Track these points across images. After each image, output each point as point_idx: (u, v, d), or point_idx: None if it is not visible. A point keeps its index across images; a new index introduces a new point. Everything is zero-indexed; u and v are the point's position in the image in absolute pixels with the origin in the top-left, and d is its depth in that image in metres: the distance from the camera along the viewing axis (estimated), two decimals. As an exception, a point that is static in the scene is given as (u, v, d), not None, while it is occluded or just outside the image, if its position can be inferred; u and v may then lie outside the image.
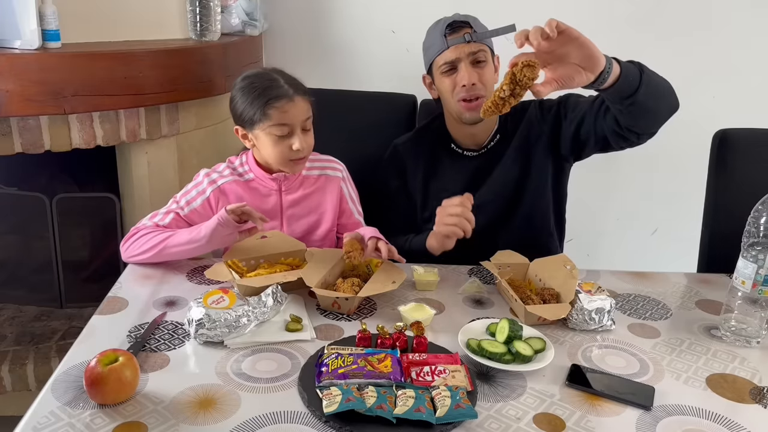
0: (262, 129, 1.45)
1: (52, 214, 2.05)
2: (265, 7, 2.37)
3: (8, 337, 2.03)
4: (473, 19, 1.56)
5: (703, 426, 1.01)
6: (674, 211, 2.58)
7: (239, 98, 1.46)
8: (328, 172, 1.61)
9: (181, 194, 1.53)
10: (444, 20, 1.56)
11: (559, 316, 1.27)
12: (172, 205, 1.51)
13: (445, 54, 1.53)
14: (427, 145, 1.69)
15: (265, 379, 1.07)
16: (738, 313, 1.27)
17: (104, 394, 0.98)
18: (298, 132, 1.45)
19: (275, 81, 1.44)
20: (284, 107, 1.42)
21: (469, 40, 1.50)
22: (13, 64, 1.57)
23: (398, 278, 1.34)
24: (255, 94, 1.43)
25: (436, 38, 1.55)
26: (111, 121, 1.84)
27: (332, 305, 1.29)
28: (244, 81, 1.48)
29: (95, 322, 1.21)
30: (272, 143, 1.45)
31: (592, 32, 2.43)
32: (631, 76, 1.25)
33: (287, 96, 1.42)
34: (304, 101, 1.46)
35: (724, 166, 1.77)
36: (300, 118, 1.45)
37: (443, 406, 0.97)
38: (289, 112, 1.43)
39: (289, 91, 1.43)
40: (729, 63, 2.41)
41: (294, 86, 1.45)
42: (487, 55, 1.54)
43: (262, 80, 1.45)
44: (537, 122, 1.62)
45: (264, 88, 1.43)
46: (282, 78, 1.46)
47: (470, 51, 1.51)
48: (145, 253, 1.41)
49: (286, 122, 1.43)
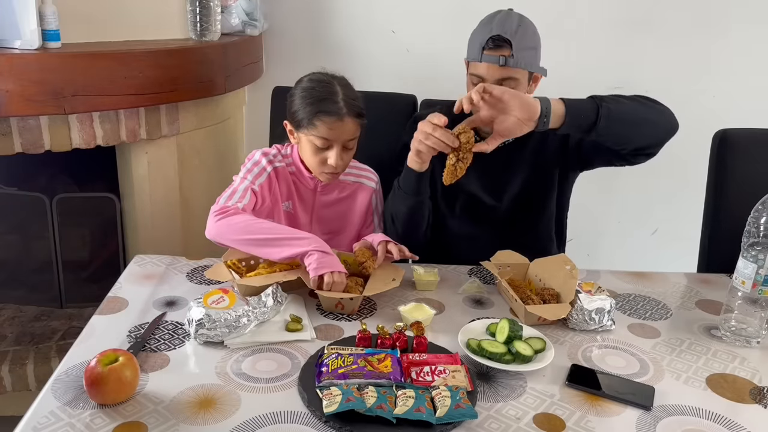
0: (305, 134, 1.46)
1: (52, 214, 2.05)
2: (265, 7, 2.37)
3: (8, 337, 2.03)
4: (521, 35, 1.45)
5: (703, 426, 1.01)
6: (674, 211, 2.58)
7: (297, 97, 1.48)
8: (363, 180, 1.62)
9: (245, 172, 1.51)
10: (492, 25, 1.46)
11: (559, 316, 1.27)
12: (242, 184, 1.48)
13: (477, 66, 1.48)
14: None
15: (265, 379, 1.07)
16: (738, 313, 1.27)
17: (104, 394, 0.98)
18: (337, 149, 1.45)
19: (334, 94, 1.44)
20: (331, 124, 1.43)
21: (502, 65, 1.44)
22: (13, 64, 1.57)
23: (398, 276, 1.35)
24: (312, 99, 1.44)
25: (476, 43, 1.48)
26: (111, 121, 1.84)
27: (336, 306, 1.29)
28: (308, 82, 1.49)
29: (95, 322, 1.21)
30: (311, 150, 1.47)
31: (592, 33, 2.44)
32: (585, 113, 1.34)
33: (338, 114, 1.43)
34: (354, 123, 1.46)
35: (724, 166, 1.76)
36: (343, 138, 1.46)
37: (443, 406, 0.97)
38: (335, 130, 1.43)
39: (342, 109, 1.43)
40: (729, 63, 2.41)
41: (349, 105, 1.45)
42: (520, 80, 1.48)
43: (323, 89, 1.46)
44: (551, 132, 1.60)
45: (321, 98, 1.44)
46: (342, 92, 1.46)
47: (500, 77, 1.45)
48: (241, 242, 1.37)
49: (328, 137, 1.44)
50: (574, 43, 2.36)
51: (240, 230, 1.37)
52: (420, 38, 2.44)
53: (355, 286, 1.31)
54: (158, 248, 2.00)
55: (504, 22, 1.46)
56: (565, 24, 2.35)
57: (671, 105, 2.57)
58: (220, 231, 1.39)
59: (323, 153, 1.47)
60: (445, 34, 2.40)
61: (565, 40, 2.32)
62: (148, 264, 1.47)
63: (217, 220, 1.39)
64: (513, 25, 1.46)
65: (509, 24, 1.46)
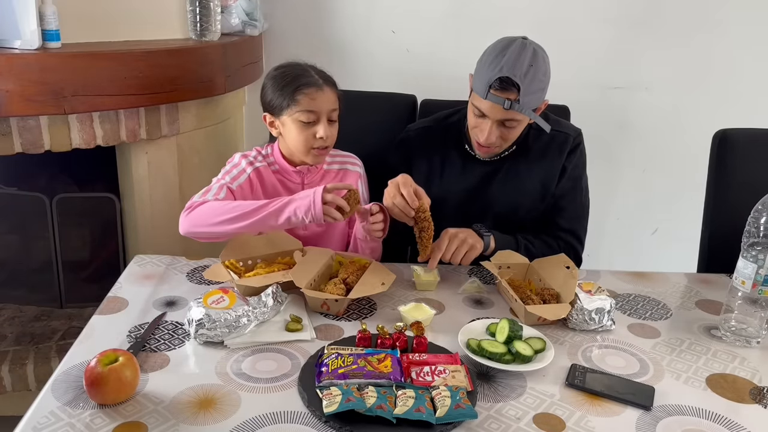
0: (289, 115, 1.47)
1: (52, 214, 2.05)
2: (265, 7, 2.37)
3: (8, 337, 2.03)
4: (530, 79, 1.39)
5: (703, 426, 1.01)
6: (674, 211, 2.58)
7: (270, 86, 1.51)
8: (348, 167, 1.64)
9: (223, 174, 1.54)
10: (502, 64, 1.40)
11: (559, 316, 1.27)
12: (217, 183, 1.50)
13: (481, 103, 1.45)
14: (441, 138, 1.66)
15: (265, 379, 1.07)
16: (738, 313, 1.27)
17: (104, 394, 0.98)
18: (324, 121, 1.48)
19: (306, 71, 1.50)
20: (313, 94, 1.45)
21: (507, 108, 1.41)
22: (13, 64, 1.57)
23: (387, 280, 1.34)
24: (286, 80, 1.47)
25: (483, 77, 1.43)
26: (111, 121, 1.84)
27: (321, 306, 1.29)
28: (276, 70, 1.52)
29: (95, 322, 1.21)
30: (298, 130, 1.48)
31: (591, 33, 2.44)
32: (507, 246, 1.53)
33: (317, 84, 1.47)
34: (333, 92, 1.50)
35: (724, 166, 1.77)
36: (327, 107, 1.48)
37: (443, 406, 0.97)
38: (317, 100, 1.46)
39: (318, 80, 1.48)
40: (729, 63, 2.41)
41: (324, 77, 1.51)
42: (519, 123, 1.48)
43: (293, 69, 1.50)
44: (556, 158, 1.62)
45: (295, 75, 1.48)
46: (313, 70, 1.51)
47: (503, 117, 1.45)
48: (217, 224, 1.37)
49: (313, 109, 1.46)
50: (573, 43, 2.36)
51: (214, 213, 1.37)
52: (420, 38, 2.44)
53: (335, 288, 1.31)
54: (158, 248, 2.00)
55: (516, 60, 1.39)
56: (564, 24, 2.35)
57: (671, 105, 2.58)
58: (192, 222, 1.39)
59: (311, 128, 1.47)
60: (445, 34, 2.40)
61: (564, 40, 2.32)
62: (148, 264, 1.47)
63: (187, 215, 1.40)
64: (524, 66, 1.39)
65: (520, 64, 1.39)
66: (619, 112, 2.49)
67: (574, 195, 1.63)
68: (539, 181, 1.62)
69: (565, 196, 1.62)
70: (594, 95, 2.44)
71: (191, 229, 1.40)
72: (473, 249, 1.46)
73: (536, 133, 1.61)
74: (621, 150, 2.52)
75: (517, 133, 1.52)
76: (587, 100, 2.32)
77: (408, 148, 1.69)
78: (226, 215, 1.36)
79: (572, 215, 1.63)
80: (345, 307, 1.30)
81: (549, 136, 1.60)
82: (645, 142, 2.53)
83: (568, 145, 1.61)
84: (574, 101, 1.99)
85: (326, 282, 1.35)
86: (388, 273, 1.37)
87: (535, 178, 1.61)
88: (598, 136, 1.71)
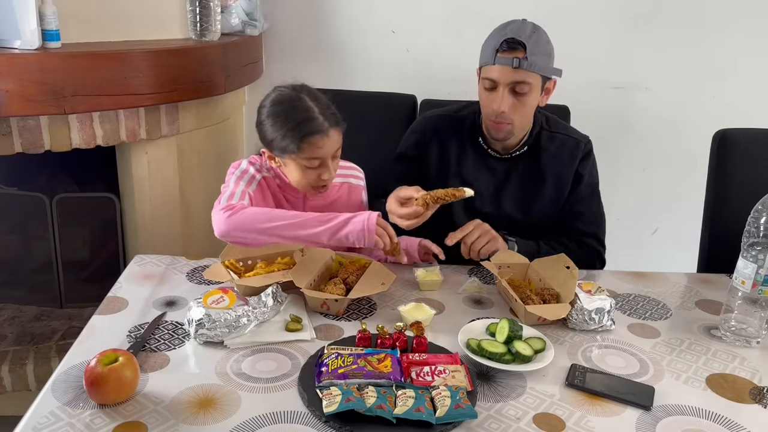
0: (292, 159, 1.44)
1: (52, 214, 2.05)
2: (265, 7, 2.37)
3: (8, 337, 2.03)
4: (535, 40, 1.45)
5: (703, 426, 1.01)
6: (674, 211, 2.58)
7: (270, 125, 1.43)
8: (351, 180, 1.62)
9: (235, 179, 1.48)
10: (506, 30, 1.48)
11: (559, 316, 1.27)
12: (238, 187, 1.46)
13: (491, 70, 1.48)
14: (456, 130, 1.66)
15: (265, 379, 1.07)
16: (738, 313, 1.27)
17: (104, 394, 0.98)
18: (328, 163, 1.44)
19: (310, 112, 1.41)
20: (319, 143, 1.40)
21: (516, 67, 1.44)
22: (13, 64, 1.57)
23: (387, 280, 1.34)
24: (290, 126, 1.40)
25: (490, 47, 1.48)
26: (111, 121, 1.84)
27: (321, 306, 1.29)
28: (275, 105, 1.44)
29: (95, 322, 1.21)
30: (301, 172, 1.45)
31: (591, 33, 2.44)
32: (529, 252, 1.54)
33: (322, 131, 1.40)
34: (338, 133, 1.44)
35: (724, 166, 1.77)
36: (331, 152, 1.44)
37: (443, 406, 0.97)
38: (323, 148, 1.42)
39: (324, 124, 1.40)
40: (729, 63, 2.41)
41: (328, 118, 1.42)
42: (533, 85, 1.48)
43: (296, 110, 1.41)
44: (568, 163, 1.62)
45: (299, 121, 1.40)
46: (316, 107, 1.42)
47: (513, 80, 1.46)
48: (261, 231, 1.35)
49: (318, 156, 1.42)
50: (573, 42, 2.36)
51: (259, 220, 1.35)
52: (420, 38, 2.44)
53: (335, 288, 1.31)
54: (158, 248, 2.00)
55: (519, 28, 1.47)
56: (564, 24, 2.35)
57: (671, 105, 2.57)
58: (234, 225, 1.35)
59: (315, 171, 1.44)
60: (445, 34, 2.40)
61: (564, 40, 2.31)
62: (148, 264, 1.47)
63: (228, 216, 1.36)
64: (527, 31, 1.46)
65: (524, 29, 1.46)
66: (619, 112, 2.49)
67: (592, 200, 1.66)
68: (552, 184, 1.62)
69: (583, 201, 1.64)
70: (594, 95, 2.44)
71: (233, 232, 1.36)
72: (494, 241, 1.46)
73: (548, 136, 1.62)
74: (621, 150, 2.53)
75: (530, 105, 1.52)
76: (587, 100, 2.32)
77: (424, 133, 1.67)
78: (272, 222, 1.34)
79: (592, 220, 1.65)
80: (345, 307, 1.30)
81: (560, 140, 1.62)
82: (645, 142, 2.53)
83: (579, 151, 1.63)
84: (574, 101, 1.99)
85: (326, 282, 1.35)
86: (388, 273, 1.37)
87: (548, 182, 1.62)
88: (598, 136, 1.71)
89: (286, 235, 1.34)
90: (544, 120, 1.64)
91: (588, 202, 1.65)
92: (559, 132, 1.64)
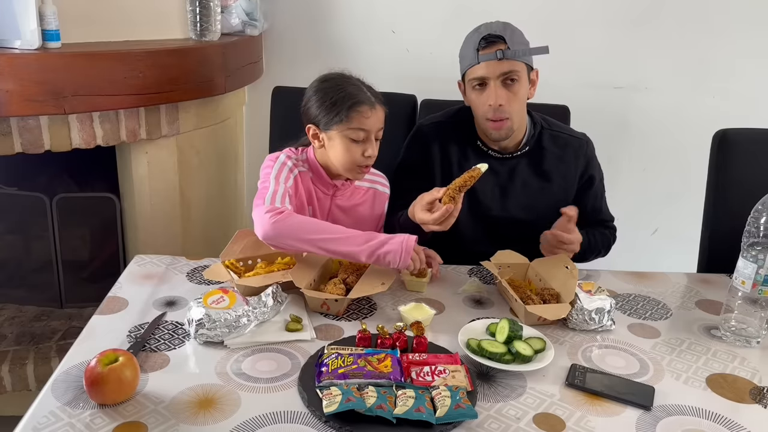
0: (339, 131, 1.44)
1: (52, 214, 2.04)
2: (265, 7, 2.37)
3: (8, 337, 2.03)
4: (510, 32, 1.49)
5: (703, 426, 1.01)
6: (674, 211, 2.58)
7: (318, 98, 1.46)
8: (378, 186, 1.62)
9: (275, 174, 1.46)
10: (480, 30, 1.51)
11: (559, 316, 1.27)
12: (279, 187, 1.44)
13: (476, 69, 1.49)
14: (454, 133, 1.66)
15: (265, 379, 1.07)
16: (738, 313, 1.27)
17: (104, 394, 0.98)
18: (372, 139, 1.46)
19: (359, 87, 1.46)
20: (366, 113, 1.43)
21: (500, 58, 1.45)
22: (13, 64, 1.57)
23: (387, 280, 1.33)
24: (340, 96, 1.43)
25: (470, 50, 1.51)
26: (111, 121, 1.84)
27: (321, 306, 1.29)
28: (325, 83, 1.48)
29: (95, 322, 1.21)
30: (345, 146, 1.45)
31: (591, 33, 2.44)
32: None
33: (370, 103, 1.44)
34: (383, 111, 1.47)
35: (724, 166, 1.76)
36: (377, 127, 1.46)
37: (443, 406, 0.97)
38: (371, 119, 1.43)
39: (371, 98, 1.45)
40: (729, 63, 2.41)
41: (375, 95, 1.47)
42: (521, 74, 1.49)
43: (345, 84, 1.46)
44: (572, 164, 1.63)
45: (349, 92, 1.44)
46: (364, 86, 1.48)
47: (501, 71, 1.47)
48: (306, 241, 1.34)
49: (365, 127, 1.43)
50: (573, 43, 2.36)
51: (306, 230, 1.34)
52: (420, 38, 2.44)
53: (334, 288, 1.31)
54: (158, 248, 2.00)
55: (491, 25, 1.50)
56: (564, 24, 2.35)
57: (671, 105, 2.58)
58: (281, 231, 1.33)
59: (359, 146, 1.44)
60: (445, 34, 2.38)
61: (564, 40, 2.32)
62: (148, 264, 1.47)
63: (275, 222, 1.33)
64: (500, 26, 1.50)
65: (497, 26, 1.50)
66: (619, 112, 2.49)
67: (603, 196, 1.73)
68: (558, 185, 1.63)
69: (598, 197, 1.70)
70: (594, 95, 2.44)
71: (278, 237, 1.34)
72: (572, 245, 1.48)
73: (550, 135, 1.62)
74: (621, 150, 2.52)
75: (523, 94, 1.52)
76: (587, 100, 2.32)
77: (425, 140, 1.67)
78: (318, 234, 1.33)
79: (607, 209, 1.75)
80: (345, 307, 1.30)
81: (563, 140, 1.63)
82: (645, 142, 2.53)
83: (583, 150, 1.64)
84: (574, 101, 1.99)
85: (326, 282, 1.35)
86: (388, 273, 1.37)
87: (554, 182, 1.62)
88: (598, 136, 1.71)
89: (327, 248, 1.33)
90: (543, 120, 1.64)
91: (601, 196, 1.72)
92: (561, 132, 1.65)
